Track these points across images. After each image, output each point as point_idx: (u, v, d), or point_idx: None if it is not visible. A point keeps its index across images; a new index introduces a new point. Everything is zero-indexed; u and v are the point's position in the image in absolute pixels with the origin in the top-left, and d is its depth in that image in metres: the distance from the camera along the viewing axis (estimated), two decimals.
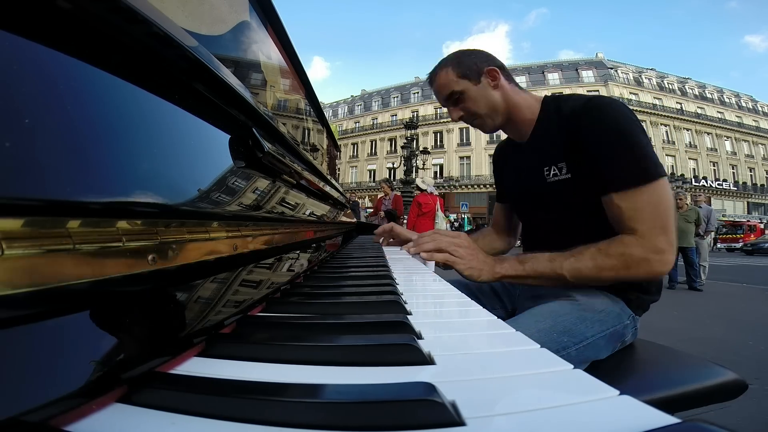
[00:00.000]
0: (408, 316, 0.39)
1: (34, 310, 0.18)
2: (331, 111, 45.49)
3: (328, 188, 1.29)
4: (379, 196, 6.49)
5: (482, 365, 0.28)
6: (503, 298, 1.11)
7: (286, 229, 0.64)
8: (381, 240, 1.37)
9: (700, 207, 6.15)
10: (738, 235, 20.86)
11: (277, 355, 0.28)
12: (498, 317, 1.04)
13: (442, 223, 5.35)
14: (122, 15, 0.27)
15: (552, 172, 0.92)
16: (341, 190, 1.80)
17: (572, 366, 0.26)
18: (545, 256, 0.83)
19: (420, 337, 0.33)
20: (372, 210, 5.98)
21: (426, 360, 0.27)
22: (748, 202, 32.65)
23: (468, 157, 33.20)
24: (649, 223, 0.75)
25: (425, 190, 5.30)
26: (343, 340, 0.31)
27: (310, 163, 1.06)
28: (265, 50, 0.72)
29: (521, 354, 0.30)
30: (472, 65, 0.96)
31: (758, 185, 33.11)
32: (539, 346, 0.31)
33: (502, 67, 0.98)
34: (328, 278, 0.71)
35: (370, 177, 38.46)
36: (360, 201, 36.31)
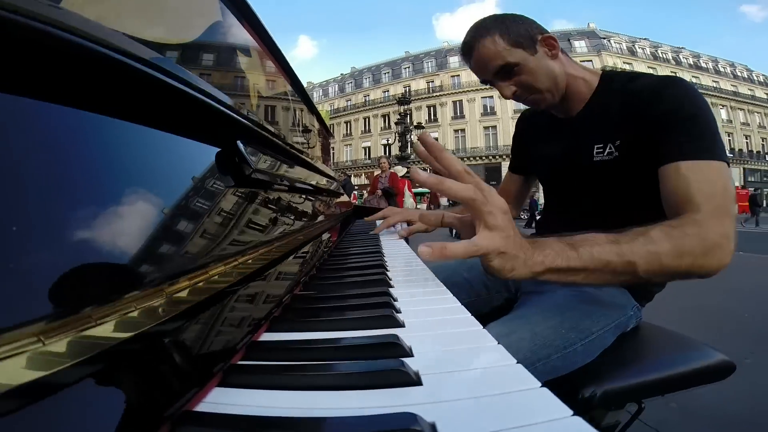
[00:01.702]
0: (402, 328, 0.41)
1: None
2: (321, 90, 44.76)
3: (324, 181, 1.20)
4: (375, 174, 6.37)
5: (465, 385, 0.30)
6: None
7: (283, 240, 0.58)
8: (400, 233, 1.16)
9: None
10: None
11: (284, 383, 0.29)
12: (503, 300, 0.95)
13: (409, 200, 5.59)
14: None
15: (606, 150, 0.82)
16: (334, 176, 1.70)
17: (539, 384, 0.28)
18: (602, 237, 0.59)
19: (410, 353, 0.34)
20: (369, 189, 5.86)
21: (414, 381, 0.29)
22: (744, 169, 33.03)
23: (463, 130, 32.95)
24: (719, 201, 0.63)
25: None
26: (341, 367, 0.32)
27: (304, 160, 0.99)
28: (242, 48, 0.64)
29: (497, 373, 0.31)
30: (525, 32, 0.82)
31: (754, 152, 33.54)
32: (515, 361, 0.32)
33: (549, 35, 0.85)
34: (326, 286, 0.62)
35: (365, 154, 38.19)
36: (356, 179, 36.29)
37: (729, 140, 32.58)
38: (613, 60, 30.87)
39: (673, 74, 0.79)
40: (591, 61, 30.96)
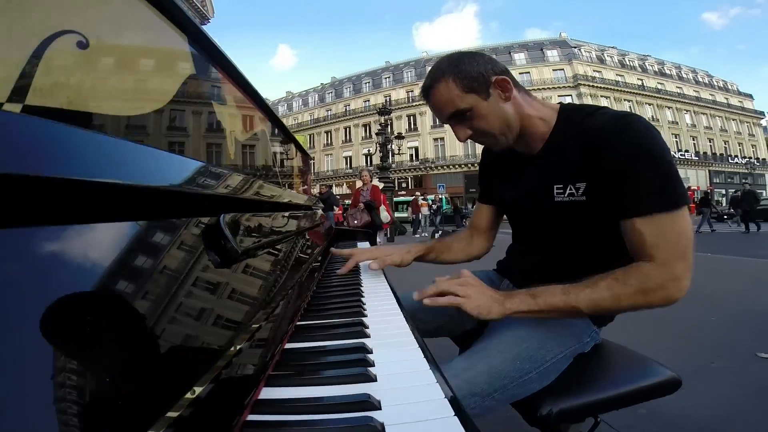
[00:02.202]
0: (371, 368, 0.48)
1: None
2: (301, 100, 44.62)
3: (308, 223, 1.22)
4: (357, 186, 6.43)
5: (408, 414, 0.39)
6: None
7: (267, 300, 0.57)
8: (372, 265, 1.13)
9: None
10: None
11: None
12: (475, 324, 1.01)
13: (384, 214, 5.94)
14: None
15: (566, 191, 0.84)
16: (314, 203, 1.73)
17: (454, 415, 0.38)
18: (558, 288, 0.76)
19: (376, 379, 0.44)
20: (351, 202, 5.93)
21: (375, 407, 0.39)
22: (709, 171, 34.41)
23: (442, 139, 33.27)
24: (671, 250, 0.71)
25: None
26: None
27: (289, 205, 1.00)
28: (219, 97, 0.68)
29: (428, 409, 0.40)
30: (479, 75, 0.82)
31: (717, 154, 35.05)
32: (443, 395, 0.42)
33: (508, 73, 0.86)
34: (310, 334, 0.63)
35: (346, 164, 38.16)
36: (338, 188, 36.14)
37: (694, 144, 34.19)
38: (583, 68, 31.90)
39: (629, 112, 0.83)
40: (563, 69, 32.17)
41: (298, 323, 0.66)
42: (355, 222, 5.53)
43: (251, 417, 0.38)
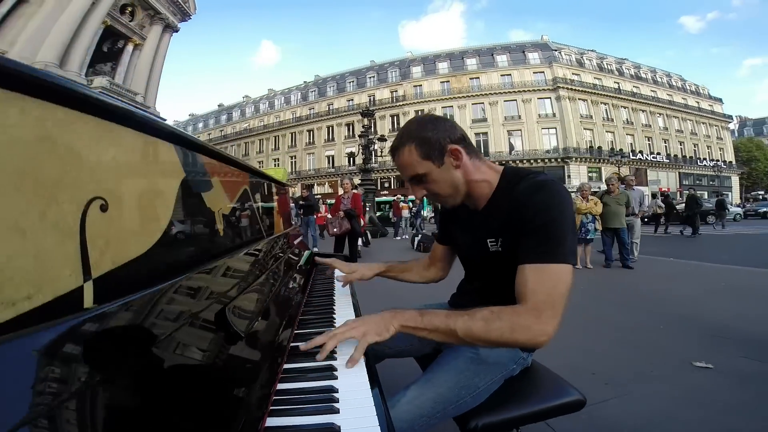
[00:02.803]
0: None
1: None
2: (283, 98, 44.20)
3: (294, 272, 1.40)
4: (339, 194, 6.57)
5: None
6: None
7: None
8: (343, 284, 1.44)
9: (632, 189, 6.77)
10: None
11: None
12: (431, 349, 1.19)
13: None
14: None
15: (497, 244, 1.01)
16: (291, 233, 1.89)
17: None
18: (444, 312, 0.89)
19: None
20: (332, 210, 6.08)
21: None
22: (679, 173, 35.80)
23: None
24: (543, 297, 0.84)
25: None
26: None
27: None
28: (207, 186, 0.85)
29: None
30: (436, 144, 0.96)
31: (687, 157, 36.49)
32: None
33: (463, 138, 1.01)
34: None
35: (328, 163, 38.12)
36: (320, 187, 36.04)
37: (665, 146, 35.46)
38: (563, 71, 32.54)
39: (550, 179, 0.97)
40: (543, 72, 32.73)
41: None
42: (335, 230, 5.70)
43: None
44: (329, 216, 5.95)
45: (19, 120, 0.36)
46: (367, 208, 10.58)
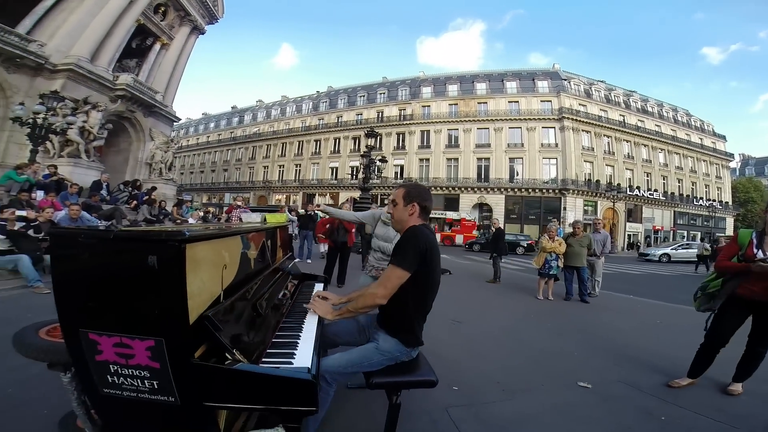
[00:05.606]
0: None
1: None
2: (295, 106, 45.32)
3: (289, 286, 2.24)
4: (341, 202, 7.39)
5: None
6: (368, 332, 2.06)
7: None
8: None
9: (599, 233, 7.61)
10: None
11: None
12: (367, 339, 2.07)
13: None
14: None
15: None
16: (287, 260, 2.71)
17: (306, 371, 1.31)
18: (351, 296, 1.98)
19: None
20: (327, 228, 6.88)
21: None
22: (674, 211, 36.05)
23: (427, 160, 34.72)
24: (382, 282, 1.74)
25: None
26: None
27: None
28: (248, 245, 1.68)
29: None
30: (412, 199, 1.90)
31: (684, 195, 36.33)
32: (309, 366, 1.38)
33: (425, 207, 1.93)
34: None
35: (332, 174, 38.94)
36: (321, 198, 36.69)
37: (663, 183, 35.58)
38: (569, 101, 32.62)
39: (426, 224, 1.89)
40: (550, 101, 32.80)
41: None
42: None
43: None
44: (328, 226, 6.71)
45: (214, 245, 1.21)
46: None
